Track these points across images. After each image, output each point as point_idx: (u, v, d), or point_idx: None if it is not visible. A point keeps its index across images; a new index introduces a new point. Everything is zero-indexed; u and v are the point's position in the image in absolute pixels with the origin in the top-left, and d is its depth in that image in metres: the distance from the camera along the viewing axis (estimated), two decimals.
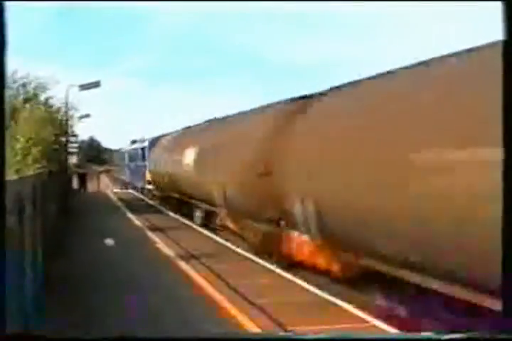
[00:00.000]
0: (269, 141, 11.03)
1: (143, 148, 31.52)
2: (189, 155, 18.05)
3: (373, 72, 8.73)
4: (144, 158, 30.86)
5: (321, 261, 9.28)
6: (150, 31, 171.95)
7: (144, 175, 30.17)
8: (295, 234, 10.16)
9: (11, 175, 8.80)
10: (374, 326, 7.22)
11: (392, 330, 6.99)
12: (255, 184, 11.11)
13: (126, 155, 38.85)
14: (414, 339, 2.12)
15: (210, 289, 9.29)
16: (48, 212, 11.37)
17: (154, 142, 28.59)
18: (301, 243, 9.93)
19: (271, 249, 11.42)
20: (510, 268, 2.13)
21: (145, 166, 29.87)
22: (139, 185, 32.66)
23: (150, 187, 28.41)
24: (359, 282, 8.65)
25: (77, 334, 1.90)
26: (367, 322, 7.47)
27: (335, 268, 8.90)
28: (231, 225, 14.35)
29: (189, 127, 23.00)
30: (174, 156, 20.62)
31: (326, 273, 9.32)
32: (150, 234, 16.32)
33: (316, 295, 8.95)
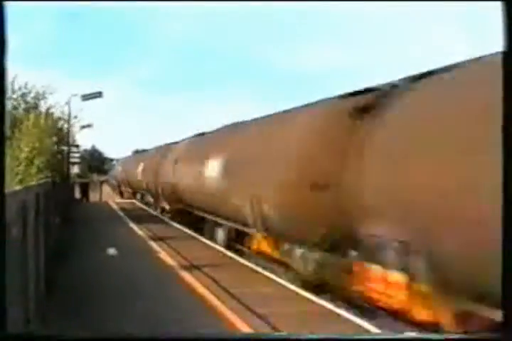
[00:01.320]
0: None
1: (114, 164, 59.04)
2: (118, 170, 48.01)
3: (382, 79, 8.73)
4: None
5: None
6: (153, 40, 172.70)
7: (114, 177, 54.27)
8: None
9: (14, 185, 8.86)
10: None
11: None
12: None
13: (112, 167, 65.52)
14: (414, 339, 2.13)
15: (211, 297, 9.31)
16: (50, 220, 11.40)
17: (118, 161, 55.28)
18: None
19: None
20: (510, 268, 2.15)
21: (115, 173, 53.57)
22: (112, 182, 56.89)
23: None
24: None
25: (77, 334, 1.91)
26: (369, 332, 7.46)
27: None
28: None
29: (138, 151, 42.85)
30: (119, 168, 48.69)
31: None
32: (152, 243, 16.34)
33: (318, 304, 8.97)
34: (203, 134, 20.98)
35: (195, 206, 18.66)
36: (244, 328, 7.53)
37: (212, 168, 15.18)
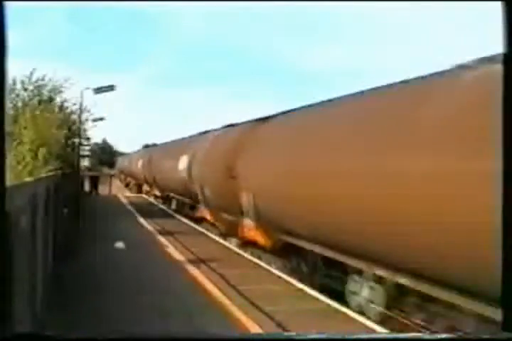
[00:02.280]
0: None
1: (117, 159, 68.30)
2: (119, 163, 62.33)
3: (385, 80, 8.67)
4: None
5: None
6: (168, 36, 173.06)
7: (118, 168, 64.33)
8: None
9: (24, 177, 8.87)
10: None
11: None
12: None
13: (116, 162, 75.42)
14: (414, 339, 2.10)
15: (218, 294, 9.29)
16: (59, 213, 11.42)
17: (121, 157, 65.64)
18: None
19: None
20: (510, 268, 2.12)
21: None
22: (116, 171, 65.15)
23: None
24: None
25: (78, 335, 1.89)
26: (376, 332, 7.41)
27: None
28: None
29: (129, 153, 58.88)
30: (119, 162, 62.82)
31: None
32: (160, 237, 16.34)
33: (325, 303, 8.92)
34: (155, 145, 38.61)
35: (136, 178, 41.47)
36: (251, 326, 7.50)
37: (140, 163, 37.09)
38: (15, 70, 18.23)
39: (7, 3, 2.21)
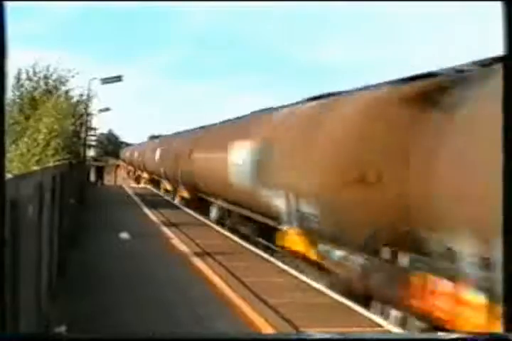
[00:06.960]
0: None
1: (121, 150, 72.68)
2: (123, 154, 65.82)
3: (396, 75, 8.74)
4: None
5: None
6: (177, 28, 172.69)
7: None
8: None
9: (32, 166, 8.88)
10: (388, 331, 7.13)
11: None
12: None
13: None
14: (415, 339, 2.09)
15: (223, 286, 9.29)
16: (65, 201, 11.42)
17: (124, 148, 70.66)
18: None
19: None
20: (510, 268, 2.10)
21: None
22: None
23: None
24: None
25: (77, 335, 1.90)
26: (380, 326, 7.37)
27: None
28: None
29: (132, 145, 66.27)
30: (122, 152, 67.24)
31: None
32: (165, 229, 16.35)
33: (329, 296, 8.90)
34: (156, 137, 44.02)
35: (135, 166, 47.61)
36: (255, 318, 7.51)
37: (136, 154, 45.78)
38: (22, 61, 18.28)
39: (7, 3, 2.18)
